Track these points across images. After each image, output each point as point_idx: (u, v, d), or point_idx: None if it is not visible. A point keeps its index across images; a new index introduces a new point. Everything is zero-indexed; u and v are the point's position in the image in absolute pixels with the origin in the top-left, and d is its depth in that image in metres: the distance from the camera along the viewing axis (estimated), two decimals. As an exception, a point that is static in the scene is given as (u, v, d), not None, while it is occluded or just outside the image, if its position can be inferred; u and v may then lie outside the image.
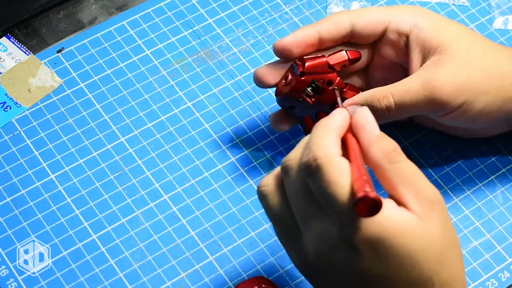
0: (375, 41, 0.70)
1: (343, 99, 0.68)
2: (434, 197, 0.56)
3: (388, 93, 0.66)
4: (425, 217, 0.55)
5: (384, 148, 0.56)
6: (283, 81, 0.69)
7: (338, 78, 0.69)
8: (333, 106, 0.68)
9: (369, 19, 0.69)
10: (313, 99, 0.69)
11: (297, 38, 0.68)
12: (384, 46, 0.70)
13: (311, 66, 0.68)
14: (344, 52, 0.69)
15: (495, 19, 0.83)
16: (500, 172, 0.74)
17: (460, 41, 0.68)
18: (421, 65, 0.68)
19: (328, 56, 0.69)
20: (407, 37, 0.69)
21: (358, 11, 0.70)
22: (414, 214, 0.55)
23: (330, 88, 0.68)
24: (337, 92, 0.68)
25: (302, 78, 0.68)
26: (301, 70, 0.68)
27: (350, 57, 0.69)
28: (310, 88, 0.69)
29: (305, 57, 0.69)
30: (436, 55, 0.67)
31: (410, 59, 0.68)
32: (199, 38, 0.81)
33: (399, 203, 0.55)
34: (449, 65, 0.66)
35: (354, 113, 0.59)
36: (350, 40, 0.70)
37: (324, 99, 0.69)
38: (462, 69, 0.66)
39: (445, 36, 0.68)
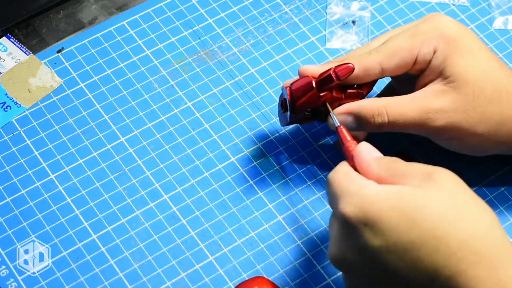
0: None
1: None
2: (432, 170, 0.57)
3: (384, 112, 0.66)
4: (423, 186, 0.56)
5: (381, 162, 0.59)
6: (281, 108, 0.70)
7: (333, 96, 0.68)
8: (339, 100, 0.68)
9: (397, 61, 0.67)
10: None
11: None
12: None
13: (300, 103, 0.67)
14: (331, 73, 0.66)
15: (495, 19, 0.83)
16: (500, 172, 0.74)
17: (471, 77, 0.66)
18: (425, 84, 0.67)
19: (317, 80, 0.67)
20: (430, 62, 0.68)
21: (386, 52, 0.67)
22: (406, 186, 0.56)
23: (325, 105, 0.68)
24: (329, 107, 0.67)
25: (296, 111, 0.68)
26: (291, 109, 0.68)
27: (339, 77, 0.66)
28: (307, 112, 0.69)
29: (293, 85, 0.68)
30: (442, 84, 0.66)
31: (420, 77, 0.68)
32: (199, 38, 0.81)
33: None
34: (449, 99, 0.66)
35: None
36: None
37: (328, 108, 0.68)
38: (461, 107, 0.66)
39: (458, 67, 0.66)
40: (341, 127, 0.64)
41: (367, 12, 0.83)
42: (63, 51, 0.80)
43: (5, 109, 0.76)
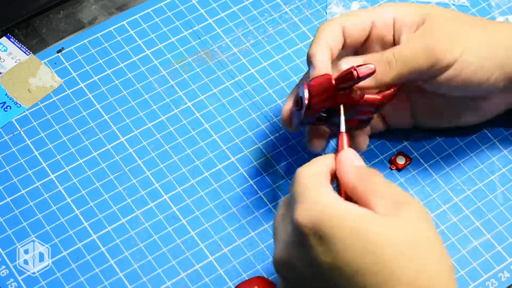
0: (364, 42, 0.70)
1: (362, 106, 0.66)
2: (404, 199, 0.56)
3: (392, 56, 0.66)
4: (388, 215, 0.55)
5: (360, 172, 0.58)
6: (296, 107, 0.66)
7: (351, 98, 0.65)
8: (355, 105, 0.66)
9: (355, 20, 0.68)
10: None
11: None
12: (374, 45, 0.70)
13: (317, 100, 0.64)
14: (352, 70, 0.63)
15: (495, 19, 0.83)
16: (500, 172, 0.74)
17: (444, 11, 0.69)
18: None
19: (336, 78, 0.64)
20: (394, 25, 0.68)
21: (345, 21, 0.68)
22: (371, 212, 0.55)
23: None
24: (342, 109, 0.64)
25: (309, 111, 0.65)
26: (307, 106, 0.64)
27: (359, 75, 0.63)
28: (322, 112, 0.66)
29: (311, 81, 0.65)
30: (425, 24, 0.67)
31: (401, 40, 0.68)
32: (199, 38, 0.81)
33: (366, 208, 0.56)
34: (439, 24, 0.67)
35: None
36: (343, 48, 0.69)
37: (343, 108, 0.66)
38: (453, 26, 0.67)
39: (429, 10, 0.68)
40: (344, 134, 0.62)
41: (367, 12, 0.83)
42: (63, 51, 0.80)
43: (5, 109, 0.76)
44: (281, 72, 0.79)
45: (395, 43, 0.68)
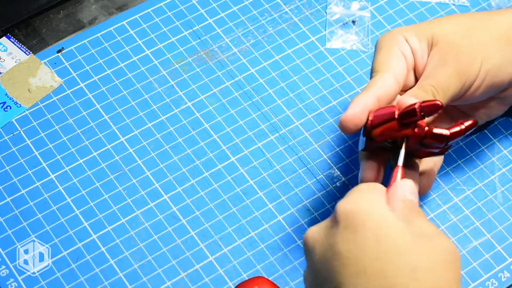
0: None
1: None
2: (440, 237, 0.56)
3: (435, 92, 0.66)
4: (420, 238, 0.55)
5: (407, 206, 0.58)
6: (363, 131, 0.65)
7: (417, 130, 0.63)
8: (421, 138, 0.63)
9: (399, 68, 0.67)
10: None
11: (362, 108, 0.65)
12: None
13: (378, 132, 0.63)
14: (415, 107, 0.61)
15: (495, 19, 0.83)
16: (500, 172, 0.74)
17: (445, 25, 0.69)
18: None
19: (399, 113, 0.62)
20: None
21: (386, 63, 0.67)
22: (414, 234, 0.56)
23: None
24: (404, 144, 0.62)
25: (372, 138, 0.63)
26: (368, 136, 0.63)
27: (423, 112, 0.61)
28: (387, 142, 0.64)
29: (375, 112, 0.63)
30: (439, 46, 0.67)
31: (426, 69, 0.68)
32: (199, 38, 0.81)
33: None
34: (450, 43, 0.67)
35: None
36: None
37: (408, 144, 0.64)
38: (462, 36, 0.68)
39: (432, 29, 0.68)
40: (400, 167, 0.61)
41: (367, 12, 0.83)
42: (63, 51, 0.80)
43: (5, 109, 0.76)
44: (281, 72, 0.79)
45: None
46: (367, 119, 0.63)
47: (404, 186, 0.58)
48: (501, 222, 0.72)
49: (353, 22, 0.82)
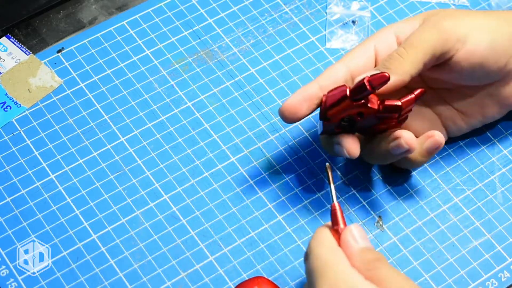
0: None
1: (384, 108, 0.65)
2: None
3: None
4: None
5: (365, 258, 0.59)
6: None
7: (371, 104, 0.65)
8: (375, 113, 0.65)
9: (359, 60, 0.68)
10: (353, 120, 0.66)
11: (302, 96, 0.67)
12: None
13: (333, 112, 0.65)
14: (364, 82, 0.63)
15: (495, 19, 0.83)
16: (500, 172, 0.74)
17: (443, 10, 0.70)
18: None
19: (350, 90, 0.64)
20: (398, 43, 0.69)
21: (348, 56, 0.69)
22: None
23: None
24: (329, 171, 0.64)
25: (328, 122, 0.66)
26: (323, 116, 0.65)
27: (373, 85, 0.63)
28: (343, 121, 0.66)
29: (327, 93, 0.65)
30: (426, 19, 0.68)
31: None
32: (199, 38, 0.81)
33: None
34: (440, 14, 0.68)
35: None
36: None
37: (364, 120, 0.66)
38: (455, 13, 0.69)
39: (426, 13, 0.69)
40: (336, 205, 0.61)
41: (367, 12, 0.83)
42: (63, 51, 0.80)
43: (5, 109, 0.76)
44: (281, 72, 0.79)
45: None
46: (321, 101, 0.66)
47: (351, 237, 0.60)
48: (501, 222, 0.72)
49: (353, 22, 0.83)
